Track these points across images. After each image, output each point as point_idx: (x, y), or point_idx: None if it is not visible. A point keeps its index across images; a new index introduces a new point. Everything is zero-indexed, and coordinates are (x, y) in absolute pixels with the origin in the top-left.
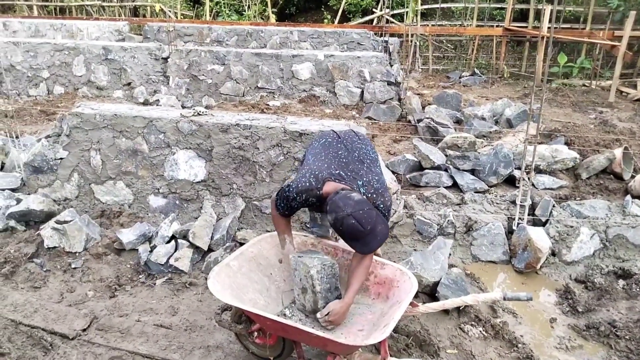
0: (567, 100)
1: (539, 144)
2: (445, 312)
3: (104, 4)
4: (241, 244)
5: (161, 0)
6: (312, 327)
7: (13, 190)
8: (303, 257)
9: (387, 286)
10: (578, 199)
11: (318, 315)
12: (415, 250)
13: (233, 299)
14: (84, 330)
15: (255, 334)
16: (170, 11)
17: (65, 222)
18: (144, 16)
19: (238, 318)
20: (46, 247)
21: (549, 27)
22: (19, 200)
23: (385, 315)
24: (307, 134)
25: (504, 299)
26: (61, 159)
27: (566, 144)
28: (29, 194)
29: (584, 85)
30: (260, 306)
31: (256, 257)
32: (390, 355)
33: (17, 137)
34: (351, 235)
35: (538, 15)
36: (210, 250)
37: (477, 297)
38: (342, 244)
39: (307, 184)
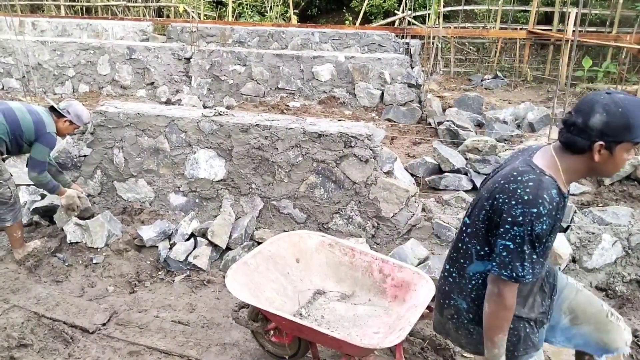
0: None
1: None
2: None
3: (129, 4)
4: (259, 243)
5: (185, 1)
6: (328, 328)
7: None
8: None
9: (404, 289)
10: (600, 205)
11: None
12: (433, 253)
13: (250, 297)
14: (104, 324)
15: (272, 332)
16: (193, 12)
17: (89, 217)
18: (168, 17)
19: (255, 316)
20: (69, 242)
21: (573, 30)
22: (43, 196)
23: (402, 319)
24: (326, 135)
25: None
26: (85, 156)
27: None
28: None
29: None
30: (277, 305)
31: (273, 256)
32: (405, 359)
33: None
34: None
35: (563, 18)
36: (228, 248)
37: None
38: (358, 245)
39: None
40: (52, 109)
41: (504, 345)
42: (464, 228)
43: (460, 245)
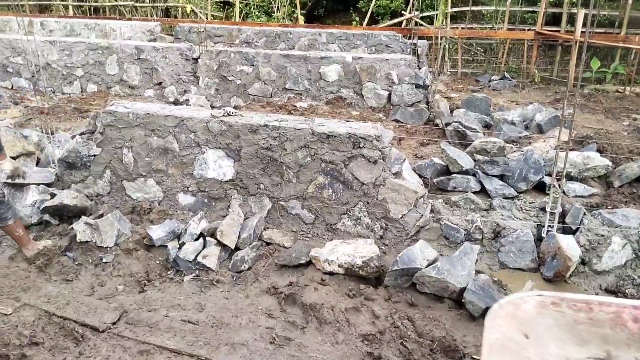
0: (599, 106)
1: (571, 150)
2: (472, 317)
3: (137, 4)
4: (267, 244)
5: (192, 1)
6: None
7: (47, 185)
8: None
9: None
10: (610, 207)
11: None
12: (442, 255)
13: None
14: (114, 323)
15: None
16: (201, 12)
17: (98, 216)
18: (175, 17)
19: None
20: (78, 241)
21: (582, 32)
22: (53, 195)
23: None
24: (335, 136)
25: None
26: (94, 155)
27: (598, 151)
28: (62, 189)
29: (617, 91)
30: None
31: (503, 343)
32: None
33: (51, 134)
34: None
35: (571, 19)
36: (237, 248)
37: None
38: (595, 297)
39: None
40: None
41: None
42: None
43: None
